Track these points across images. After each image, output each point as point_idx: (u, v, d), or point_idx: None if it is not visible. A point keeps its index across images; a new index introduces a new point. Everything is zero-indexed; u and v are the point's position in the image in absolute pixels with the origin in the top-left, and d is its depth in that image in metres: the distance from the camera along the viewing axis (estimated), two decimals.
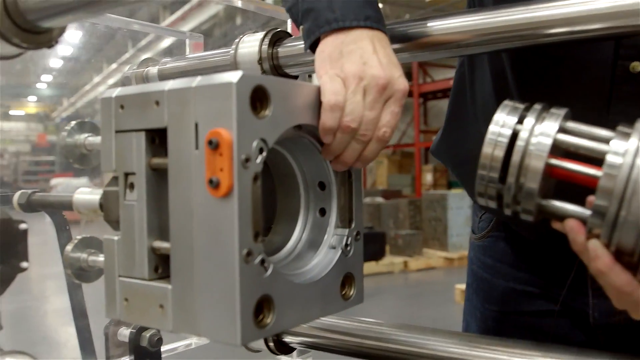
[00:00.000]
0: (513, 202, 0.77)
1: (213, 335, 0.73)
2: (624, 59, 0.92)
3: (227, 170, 0.69)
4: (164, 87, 0.76)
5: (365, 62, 0.83)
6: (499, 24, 0.91)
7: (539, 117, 0.77)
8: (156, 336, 1.22)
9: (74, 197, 0.89)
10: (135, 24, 1.26)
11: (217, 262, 0.71)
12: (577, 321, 1.09)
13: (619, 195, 0.69)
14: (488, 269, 1.22)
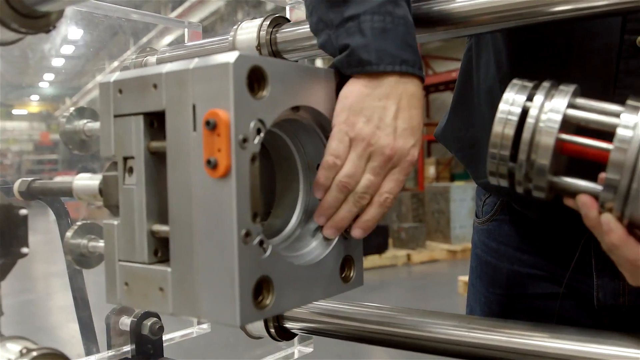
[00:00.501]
0: (525, 179, 0.78)
1: (213, 316, 0.73)
2: (630, 34, 0.93)
3: (224, 150, 0.69)
4: (162, 70, 0.76)
5: (379, 127, 0.82)
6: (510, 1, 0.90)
7: (547, 94, 0.77)
8: (157, 324, 1.22)
9: (74, 183, 0.89)
10: (135, 13, 1.26)
11: (215, 244, 0.71)
12: (582, 303, 1.09)
13: (630, 168, 0.69)
14: (492, 253, 1.22)
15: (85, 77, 14.26)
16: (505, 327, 0.92)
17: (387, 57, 0.82)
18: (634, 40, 0.93)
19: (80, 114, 0.93)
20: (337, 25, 0.84)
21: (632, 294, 1.04)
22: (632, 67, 0.94)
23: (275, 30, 1.10)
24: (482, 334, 0.93)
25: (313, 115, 0.85)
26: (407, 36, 0.84)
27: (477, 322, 0.95)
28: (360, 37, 0.82)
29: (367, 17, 0.82)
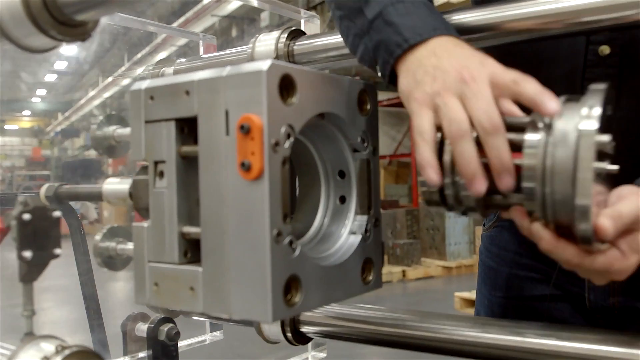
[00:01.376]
0: (457, 202, 0.79)
1: (244, 313, 0.76)
2: (594, 44, 1.01)
3: (258, 153, 0.73)
4: (194, 78, 0.79)
5: (441, 72, 0.79)
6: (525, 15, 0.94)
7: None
8: (174, 330, 1.25)
9: (103, 187, 0.92)
10: (150, 25, 1.30)
11: (248, 243, 0.75)
12: (576, 305, 1.14)
13: (540, 174, 0.71)
14: (494, 258, 1.27)
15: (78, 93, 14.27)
16: (519, 328, 0.95)
17: (419, 29, 0.84)
18: (597, 49, 1.01)
19: (110, 121, 0.97)
20: (367, 29, 0.89)
21: (621, 295, 1.08)
22: (596, 75, 1.01)
23: (292, 43, 1.13)
24: (496, 335, 0.96)
25: (336, 122, 0.88)
26: (430, 12, 0.88)
27: (491, 324, 0.98)
28: (389, 27, 0.86)
29: (390, 9, 0.87)
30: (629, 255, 0.76)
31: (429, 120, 0.77)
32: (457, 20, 0.97)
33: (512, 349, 0.94)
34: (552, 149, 0.71)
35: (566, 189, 0.70)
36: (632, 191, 0.80)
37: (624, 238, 0.76)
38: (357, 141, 0.91)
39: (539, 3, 0.91)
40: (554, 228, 0.75)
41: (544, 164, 0.71)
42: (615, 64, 1.01)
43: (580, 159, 0.69)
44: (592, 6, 0.87)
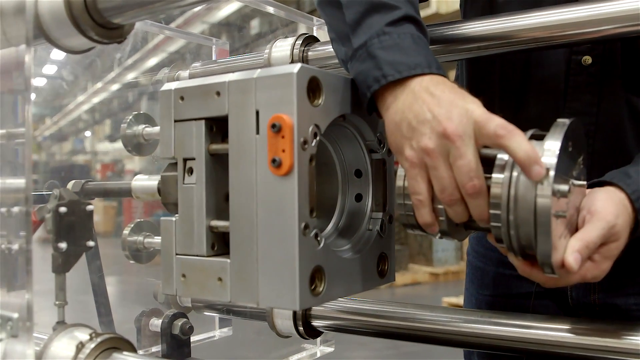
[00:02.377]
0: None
1: (272, 302, 0.81)
2: (576, 54, 1.08)
3: (288, 151, 0.77)
4: (225, 79, 0.84)
5: (421, 121, 0.80)
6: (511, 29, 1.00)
7: None
8: (187, 324, 1.28)
9: (133, 183, 0.96)
10: (167, 30, 1.34)
11: (277, 235, 0.79)
12: (560, 302, 1.19)
13: (505, 204, 0.75)
14: (481, 257, 1.33)
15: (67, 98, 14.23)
16: (524, 320, 1.00)
17: (399, 66, 0.83)
18: (580, 59, 1.08)
19: (138, 120, 1.01)
20: (351, 57, 0.89)
21: (602, 292, 1.14)
22: (578, 83, 1.08)
23: (306, 49, 1.18)
24: (503, 327, 1.01)
25: (355, 123, 0.93)
26: (416, 45, 0.87)
27: (498, 317, 1.03)
28: (371, 60, 0.86)
29: (374, 41, 0.87)
30: (601, 263, 0.83)
31: (423, 182, 0.81)
32: (458, 31, 1.03)
33: (511, 339, 1.00)
34: (515, 183, 0.75)
35: (530, 240, 0.75)
36: (601, 204, 0.84)
37: (596, 249, 0.82)
38: (373, 142, 0.95)
39: (528, 17, 0.97)
40: (517, 254, 0.79)
41: (508, 193, 0.75)
42: (597, 73, 1.07)
43: (539, 224, 0.73)
44: (576, 21, 0.93)
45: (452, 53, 1.05)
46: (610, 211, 0.83)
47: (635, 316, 1.12)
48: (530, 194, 0.74)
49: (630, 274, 1.11)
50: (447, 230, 0.83)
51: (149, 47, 8.75)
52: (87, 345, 0.84)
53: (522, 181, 0.74)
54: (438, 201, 0.81)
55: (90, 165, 14.52)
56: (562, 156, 0.75)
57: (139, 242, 1.00)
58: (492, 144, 0.77)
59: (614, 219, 0.83)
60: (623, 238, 0.85)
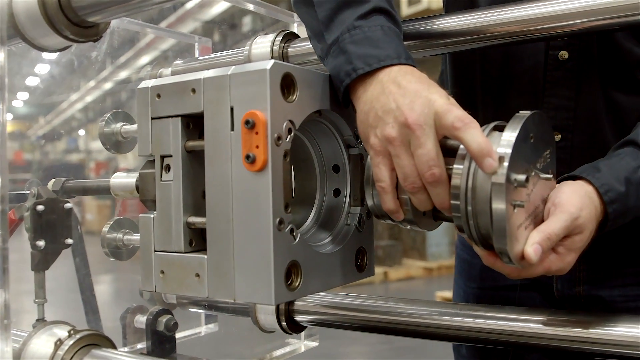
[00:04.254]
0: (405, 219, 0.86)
1: (248, 297, 0.82)
2: (553, 49, 1.09)
3: (262, 147, 0.78)
4: (200, 76, 0.85)
5: (386, 111, 0.82)
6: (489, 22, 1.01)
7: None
8: (172, 321, 1.29)
9: (111, 181, 0.97)
10: (149, 28, 1.35)
11: (252, 231, 0.80)
12: (545, 294, 1.20)
13: (463, 212, 0.77)
14: (468, 250, 1.34)
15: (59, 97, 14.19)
16: (501, 312, 1.01)
17: (369, 59, 0.85)
18: (557, 54, 1.08)
19: (116, 118, 1.01)
20: (326, 54, 0.91)
21: (586, 284, 1.15)
22: (556, 78, 1.09)
23: (287, 45, 1.18)
24: (477, 320, 1.02)
25: (331, 119, 0.94)
26: (386, 36, 0.88)
27: (476, 309, 1.04)
28: (343, 55, 0.88)
29: (345, 36, 0.88)
30: (565, 256, 0.84)
31: (386, 169, 0.83)
32: (435, 26, 1.03)
33: (497, 332, 1.00)
34: (473, 174, 0.76)
35: (487, 229, 0.76)
36: (566, 197, 0.85)
37: (561, 241, 0.83)
38: (351, 137, 0.96)
39: (504, 11, 0.98)
40: (479, 244, 0.81)
41: (466, 185, 0.77)
42: (574, 67, 1.08)
43: (494, 212, 0.75)
44: (552, 14, 0.94)
45: (430, 48, 1.05)
46: (574, 203, 0.84)
47: (620, 308, 1.13)
48: (486, 184, 0.75)
49: (615, 266, 1.12)
50: (412, 219, 0.84)
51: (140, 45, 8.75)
52: (65, 342, 0.84)
53: (479, 172, 0.76)
54: (404, 190, 0.82)
55: (84, 163, 14.50)
56: (519, 146, 0.76)
57: (118, 239, 1.00)
58: (449, 135, 0.79)
59: (577, 211, 0.84)
60: (588, 230, 0.86)
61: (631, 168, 0.92)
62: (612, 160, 0.93)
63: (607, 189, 0.88)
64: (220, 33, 12.08)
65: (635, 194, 0.91)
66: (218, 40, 12.56)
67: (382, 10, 0.90)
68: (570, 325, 0.95)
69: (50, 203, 0.91)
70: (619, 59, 1.07)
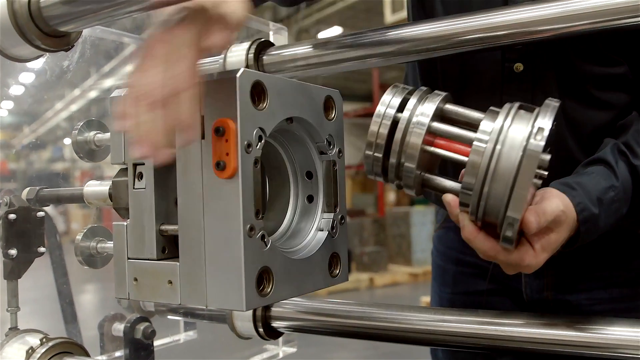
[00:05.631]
0: (396, 177, 0.88)
1: (220, 303, 0.82)
2: (509, 62, 1.10)
3: (232, 154, 0.79)
4: None
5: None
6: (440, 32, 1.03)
7: (421, 99, 0.88)
8: (150, 328, 1.29)
9: (85, 189, 0.97)
10: (126, 37, 1.35)
11: (223, 238, 0.81)
12: (515, 299, 1.23)
13: (481, 175, 0.79)
14: (442, 256, 1.36)
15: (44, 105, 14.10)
16: (474, 316, 1.03)
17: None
18: (512, 66, 1.10)
19: (90, 126, 1.02)
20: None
21: (554, 289, 1.18)
22: (512, 90, 1.10)
23: (262, 53, 1.20)
24: (455, 324, 1.03)
25: (304, 126, 0.95)
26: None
27: (450, 313, 1.05)
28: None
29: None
30: (539, 253, 0.86)
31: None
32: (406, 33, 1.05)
33: (469, 335, 1.02)
34: (498, 154, 0.78)
35: (503, 195, 0.78)
36: (554, 194, 0.89)
37: (538, 237, 0.86)
38: (323, 144, 0.97)
39: (458, 21, 1.00)
40: (482, 222, 0.82)
41: (488, 165, 0.78)
42: (529, 79, 1.09)
43: (521, 176, 0.77)
44: (507, 23, 0.96)
45: (398, 56, 1.07)
46: (563, 200, 0.87)
47: (586, 311, 1.15)
48: (513, 155, 0.77)
49: (582, 271, 1.14)
50: (402, 179, 0.87)
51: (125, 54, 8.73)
52: (37, 350, 0.85)
53: (506, 149, 0.77)
54: (396, 153, 0.85)
55: (69, 172, 14.42)
56: (551, 128, 0.78)
57: (92, 247, 1.01)
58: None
59: (565, 208, 0.87)
60: (563, 233, 0.88)
61: (602, 188, 0.94)
62: (584, 178, 0.95)
63: (582, 207, 0.91)
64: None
65: (605, 215, 0.94)
66: None
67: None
68: (541, 327, 0.96)
69: (23, 212, 0.92)
70: (573, 73, 1.08)
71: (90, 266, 1.01)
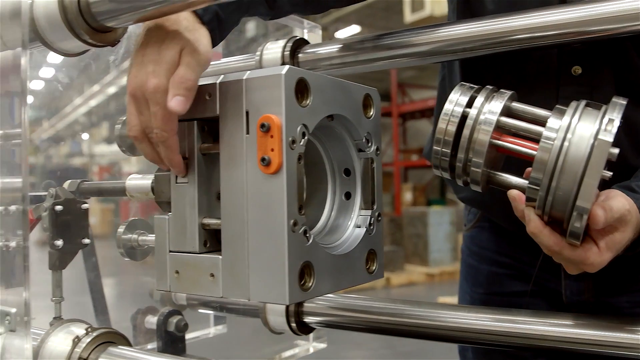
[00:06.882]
0: (463, 173, 0.90)
1: (262, 297, 0.83)
2: (566, 64, 1.08)
3: (277, 150, 0.80)
4: (216, 81, 0.87)
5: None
6: (485, 32, 1.03)
7: (488, 97, 0.89)
8: (182, 321, 1.31)
9: (127, 182, 0.99)
10: None
11: (266, 232, 0.82)
12: (552, 300, 1.23)
13: (550, 170, 0.80)
14: (475, 256, 1.36)
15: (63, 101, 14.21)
16: (509, 315, 1.03)
17: None
18: (569, 69, 1.08)
19: None
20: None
21: (594, 290, 1.17)
22: (569, 93, 1.08)
23: (297, 51, 1.21)
24: (490, 322, 1.04)
25: (343, 123, 0.96)
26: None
27: (485, 312, 1.06)
28: None
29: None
30: (604, 252, 0.85)
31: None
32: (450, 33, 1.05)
33: (504, 334, 1.02)
34: (566, 148, 0.79)
35: (571, 188, 0.79)
36: (619, 193, 0.88)
37: (603, 236, 0.85)
38: (362, 141, 0.98)
39: (512, 19, 1.00)
40: (547, 218, 0.83)
41: (557, 160, 0.79)
42: (587, 82, 1.08)
43: (591, 166, 0.78)
44: (560, 22, 0.96)
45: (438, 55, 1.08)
46: (628, 201, 0.87)
47: (627, 313, 1.14)
48: (582, 146, 0.78)
49: (623, 274, 1.14)
50: (470, 174, 0.89)
51: None
52: (83, 339, 0.86)
53: (575, 143, 0.78)
54: (464, 150, 0.87)
55: (88, 167, 14.53)
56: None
57: (133, 239, 1.02)
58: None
59: (630, 207, 0.86)
60: (627, 234, 0.87)
61: None
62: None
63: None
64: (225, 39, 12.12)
65: None
66: (223, 46, 12.61)
67: None
68: (579, 327, 0.96)
69: (68, 203, 0.93)
70: (631, 75, 1.07)
71: (130, 258, 1.03)
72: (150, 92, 0.84)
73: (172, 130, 0.86)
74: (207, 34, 0.90)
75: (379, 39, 1.13)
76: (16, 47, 0.84)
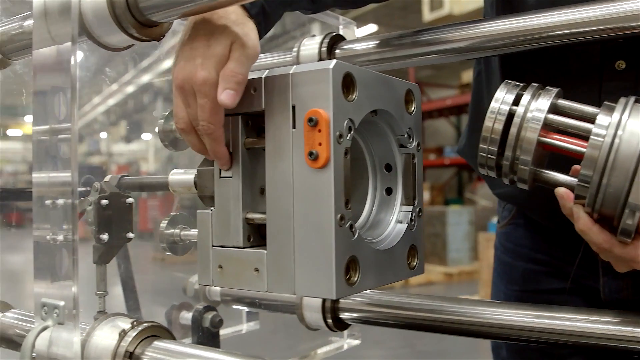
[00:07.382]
0: (510, 171, 0.89)
1: (308, 291, 0.83)
2: (610, 59, 1.07)
3: (325, 144, 0.80)
4: (261, 75, 0.87)
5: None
6: (517, 29, 1.03)
7: (534, 95, 0.89)
8: (217, 317, 1.31)
9: (170, 177, 0.99)
10: None
11: (313, 226, 0.82)
12: (590, 297, 1.22)
13: (600, 167, 0.80)
14: (510, 253, 1.35)
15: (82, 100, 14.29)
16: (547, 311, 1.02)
17: None
18: (613, 64, 1.06)
19: None
20: None
21: (633, 288, 1.16)
22: (612, 88, 1.06)
23: (335, 47, 1.21)
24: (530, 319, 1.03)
25: (386, 118, 0.96)
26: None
27: (524, 308, 1.05)
28: None
29: None
30: None
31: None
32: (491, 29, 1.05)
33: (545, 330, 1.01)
34: (617, 145, 0.79)
35: (622, 185, 0.78)
36: None
37: None
38: (404, 137, 0.98)
39: (551, 15, 0.99)
40: (597, 216, 0.82)
41: (607, 157, 0.79)
42: (631, 78, 1.06)
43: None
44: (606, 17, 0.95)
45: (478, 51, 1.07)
46: None
47: None
48: (637, 142, 0.77)
49: None
50: (517, 173, 0.88)
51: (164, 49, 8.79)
52: (129, 332, 0.87)
53: (625, 139, 0.78)
54: (512, 148, 0.87)
55: (106, 166, 14.64)
56: None
57: (175, 234, 1.03)
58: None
59: None
60: None
61: None
62: None
63: None
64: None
65: None
66: None
67: None
68: (623, 324, 0.96)
69: (114, 197, 0.94)
70: None
71: (172, 253, 1.04)
72: (199, 84, 0.84)
73: (219, 123, 0.86)
74: (255, 28, 0.91)
75: (417, 34, 1.12)
76: (64, 42, 0.85)
